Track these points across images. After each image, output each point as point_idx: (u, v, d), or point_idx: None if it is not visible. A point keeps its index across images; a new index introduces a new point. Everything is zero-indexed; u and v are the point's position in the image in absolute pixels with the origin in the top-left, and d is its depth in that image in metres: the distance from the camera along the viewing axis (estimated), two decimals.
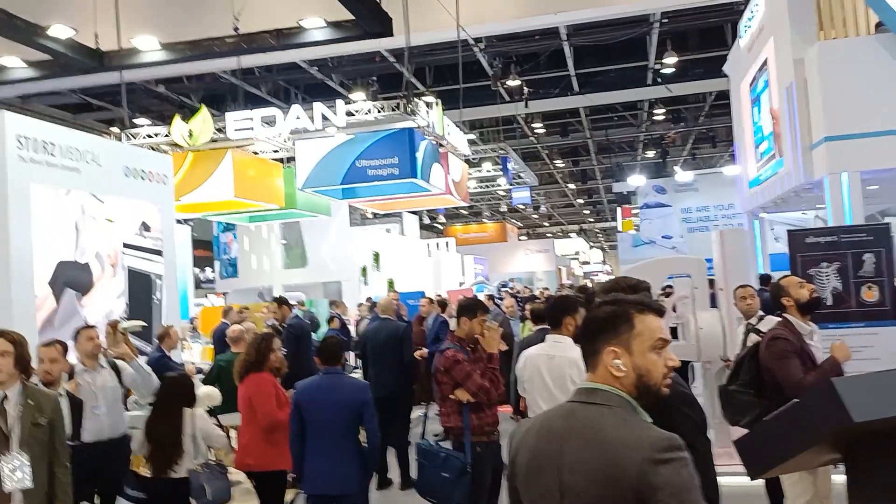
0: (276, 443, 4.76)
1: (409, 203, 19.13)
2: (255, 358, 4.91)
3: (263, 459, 4.80)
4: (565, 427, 1.86)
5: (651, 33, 14.98)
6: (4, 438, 3.28)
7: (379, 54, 15.77)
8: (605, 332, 1.90)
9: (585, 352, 1.93)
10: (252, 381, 4.88)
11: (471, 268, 27.01)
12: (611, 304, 1.95)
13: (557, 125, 22.70)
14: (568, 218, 45.77)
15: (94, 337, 5.18)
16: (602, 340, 1.90)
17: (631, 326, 1.89)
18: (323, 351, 4.70)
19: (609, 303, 1.97)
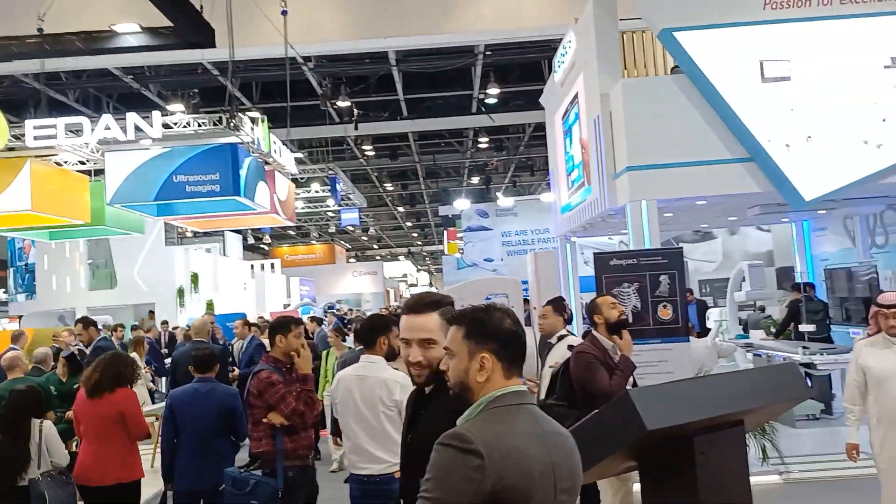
0: (136, 452, 5.07)
1: (231, 222, 18.43)
2: (123, 373, 5.03)
3: (131, 471, 4.97)
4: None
5: (476, 64, 15.57)
6: None
7: (201, 66, 15.16)
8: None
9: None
10: (121, 397, 4.97)
11: (297, 289, 26.45)
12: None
13: (387, 148, 22.92)
14: (396, 241, 46.23)
15: None
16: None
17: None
18: (196, 361, 5.15)
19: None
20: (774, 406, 3.49)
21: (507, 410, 1.91)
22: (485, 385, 1.96)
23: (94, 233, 16.33)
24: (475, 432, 1.82)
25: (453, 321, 2.05)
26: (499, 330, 1.99)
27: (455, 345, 2.01)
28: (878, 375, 4.46)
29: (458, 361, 2.00)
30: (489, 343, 1.98)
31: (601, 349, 4.46)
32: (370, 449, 3.90)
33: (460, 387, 2.00)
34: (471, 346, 1.98)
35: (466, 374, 1.97)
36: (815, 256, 12.32)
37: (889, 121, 7.89)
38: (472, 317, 2.03)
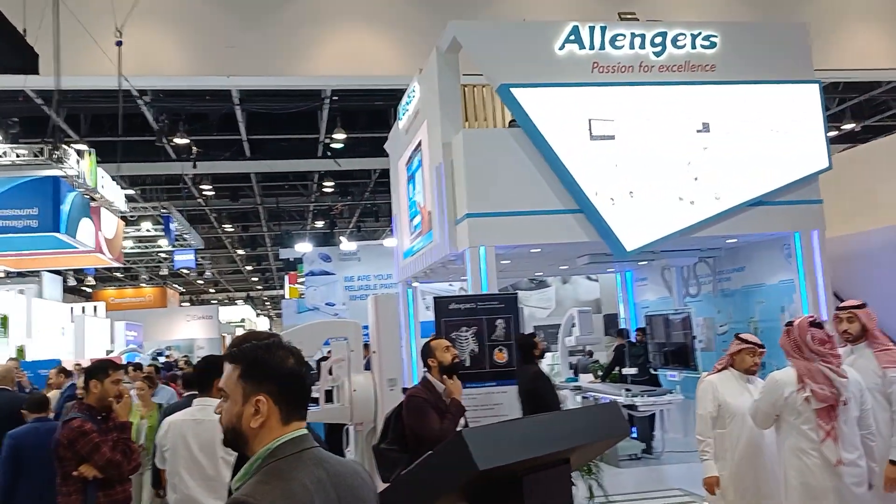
0: None
1: (50, 261, 17.06)
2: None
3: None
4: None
5: (322, 108, 15.56)
6: None
7: (23, 94, 14.08)
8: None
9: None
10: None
11: (122, 334, 24.73)
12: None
13: (228, 189, 22.25)
14: (235, 285, 44.63)
15: None
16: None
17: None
18: (31, 403, 5.40)
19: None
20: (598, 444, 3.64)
21: (288, 462, 1.77)
22: (259, 432, 1.80)
23: None
24: (257, 495, 1.67)
25: (230, 359, 1.89)
26: (279, 370, 1.84)
27: (230, 386, 1.85)
28: (736, 411, 4.63)
29: (231, 405, 1.83)
30: (266, 385, 1.82)
31: (434, 393, 4.49)
32: (201, 499, 3.69)
33: (232, 433, 1.83)
34: (246, 388, 1.82)
35: (239, 419, 1.81)
36: (637, 304, 13.21)
37: (700, 180, 8.69)
38: (249, 355, 1.87)
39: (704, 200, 8.68)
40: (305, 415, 1.89)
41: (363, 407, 6.73)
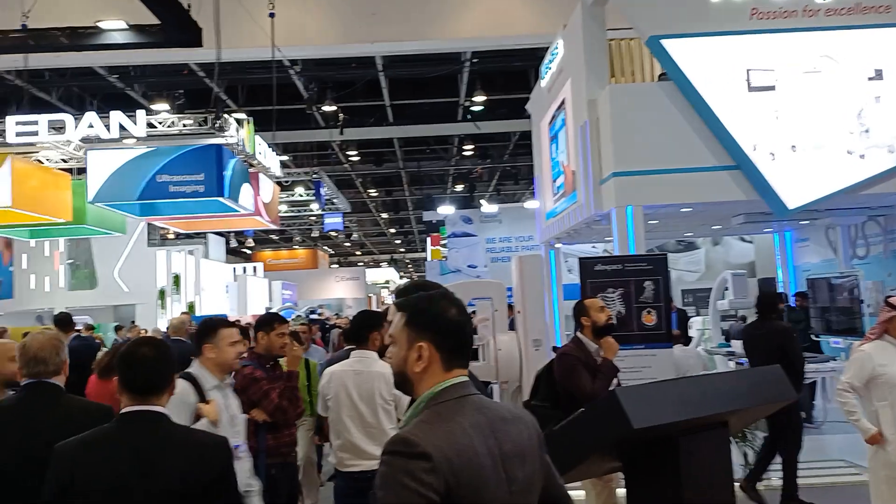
0: None
1: (214, 223, 18.30)
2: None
3: None
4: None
5: (462, 71, 15.60)
6: None
7: (187, 67, 15.08)
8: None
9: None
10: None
11: (279, 293, 26.31)
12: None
13: (372, 154, 22.90)
14: (379, 247, 46.11)
15: None
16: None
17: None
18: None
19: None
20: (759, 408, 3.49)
21: (449, 406, 1.82)
22: (422, 376, 1.87)
23: (76, 232, 16.13)
24: (420, 434, 1.73)
25: (398, 307, 1.98)
26: (440, 319, 1.90)
27: (396, 332, 1.94)
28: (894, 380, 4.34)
29: (398, 350, 1.92)
30: (428, 332, 1.89)
31: (585, 352, 4.46)
32: (362, 445, 3.91)
33: (400, 377, 1.92)
34: (410, 335, 1.90)
35: (405, 363, 1.89)
36: (797, 267, 12.43)
37: (872, 132, 7.98)
38: (415, 303, 1.96)
39: (876, 154, 7.98)
40: (467, 363, 1.93)
41: (508, 366, 6.81)
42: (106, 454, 2.22)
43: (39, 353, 2.86)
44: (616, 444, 2.97)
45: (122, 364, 2.39)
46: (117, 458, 2.20)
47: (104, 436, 2.27)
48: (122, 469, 2.19)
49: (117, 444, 2.24)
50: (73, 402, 2.91)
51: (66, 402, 2.86)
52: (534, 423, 1.98)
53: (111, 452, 2.22)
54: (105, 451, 2.23)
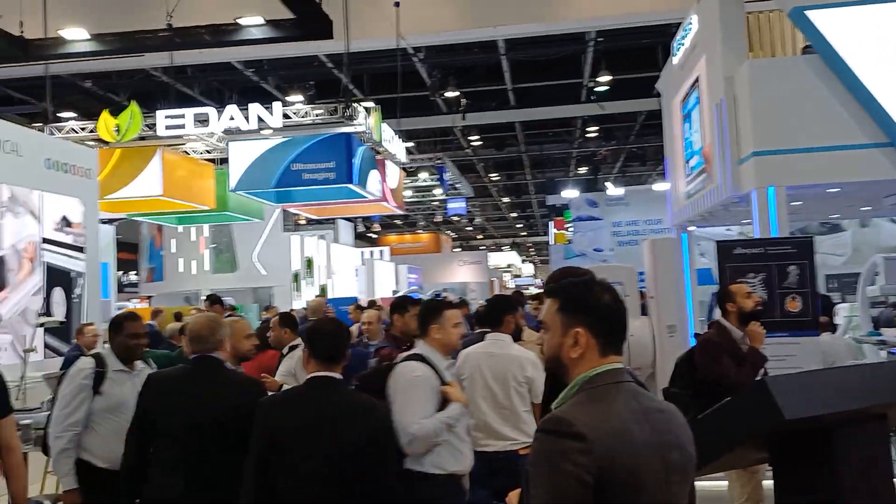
0: None
1: (344, 209, 18.95)
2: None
3: None
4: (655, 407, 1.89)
5: (586, 51, 15.30)
6: None
7: (317, 59, 15.61)
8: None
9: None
10: (267, 357, 5.19)
11: (404, 277, 26.93)
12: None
13: (493, 138, 22.92)
14: (501, 231, 46.18)
15: None
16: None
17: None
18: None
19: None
20: None
21: (605, 390, 1.81)
22: (578, 362, 1.86)
23: (218, 218, 17.18)
24: (575, 415, 1.73)
25: (549, 294, 1.98)
26: (595, 304, 1.89)
27: (549, 318, 1.93)
28: None
29: (552, 336, 1.91)
30: (584, 317, 1.88)
31: (728, 339, 4.31)
32: (495, 426, 3.98)
33: (554, 363, 1.92)
34: (564, 321, 1.89)
35: (559, 349, 1.89)
36: None
37: None
38: (567, 289, 1.95)
39: None
40: (621, 350, 1.92)
41: (640, 352, 6.67)
42: (299, 410, 2.67)
43: (200, 332, 3.29)
44: (765, 435, 2.87)
45: (310, 337, 2.87)
46: (309, 413, 2.65)
47: (297, 395, 2.78)
48: (313, 422, 2.62)
49: (308, 402, 2.68)
50: (229, 374, 3.33)
51: (223, 374, 3.28)
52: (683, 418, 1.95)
53: (304, 409, 2.67)
54: (299, 407, 2.69)
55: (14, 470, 3.12)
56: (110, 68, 15.71)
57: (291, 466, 2.58)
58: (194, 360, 3.30)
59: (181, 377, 3.31)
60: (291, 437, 2.60)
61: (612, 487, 1.69)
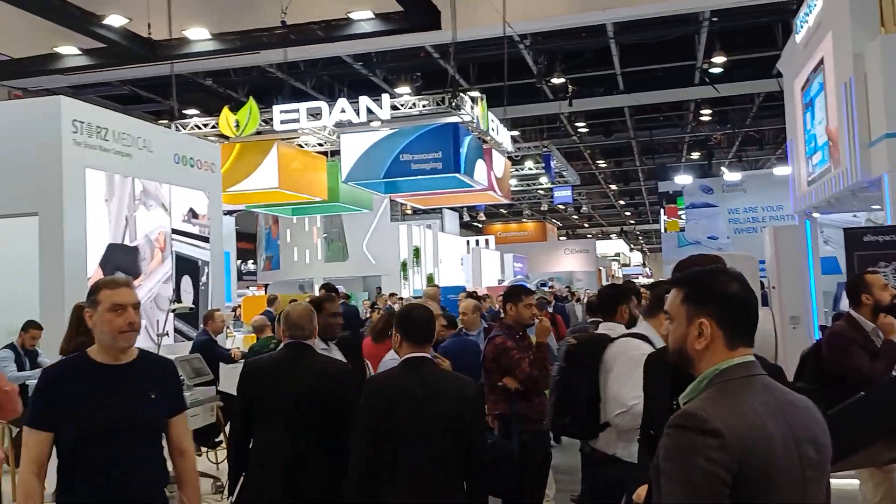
0: None
1: (450, 199, 19.12)
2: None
3: None
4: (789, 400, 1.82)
5: (700, 32, 14.73)
6: None
7: (423, 50, 15.77)
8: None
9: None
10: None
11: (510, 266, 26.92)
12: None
13: (601, 125, 22.50)
14: (608, 219, 45.32)
15: None
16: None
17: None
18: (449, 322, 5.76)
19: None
20: None
21: (737, 384, 1.74)
22: (704, 354, 1.79)
23: (330, 209, 17.73)
24: (708, 410, 1.67)
25: (675, 283, 1.91)
26: (722, 294, 1.81)
27: (674, 308, 1.87)
28: None
29: (676, 327, 1.85)
30: (709, 308, 1.80)
31: (860, 331, 4.08)
32: None
33: (679, 354, 1.85)
34: (689, 311, 1.82)
35: (684, 340, 1.82)
36: None
37: None
38: (693, 278, 1.88)
39: None
40: (752, 341, 1.85)
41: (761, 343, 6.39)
42: (402, 386, 2.97)
43: (298, 320, 3.58)
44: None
45: (402, 321, 3.11)
46: (410, 388, 2.96)
47: (398, 374, 3.04)
48: (414, 395, 2.93)
49: (408, 379, 2.99)
50: (319, 358, 3.63)
51: (314, 358, 3.58)
52: (819, 411, 1.86)
53: (405, 385, 2.97)
54: (401, 384, 2.98)
55: (186, 475, 2.87)
56: (228, 66, 16.46)
57: (397, 436, 2.90)
58: (290, 345, 3.57)
59: (277, 362, 3.58)
60: (394, 412, 2.91)
61: (747, 484, 1.64)
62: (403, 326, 3.08)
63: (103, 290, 2.67)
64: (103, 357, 2.70)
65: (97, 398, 2.63)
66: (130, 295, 2.70)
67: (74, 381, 2.66)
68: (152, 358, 2.92)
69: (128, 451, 2.64)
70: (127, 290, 2.70)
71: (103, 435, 2.62)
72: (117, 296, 2.65)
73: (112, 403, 2.64)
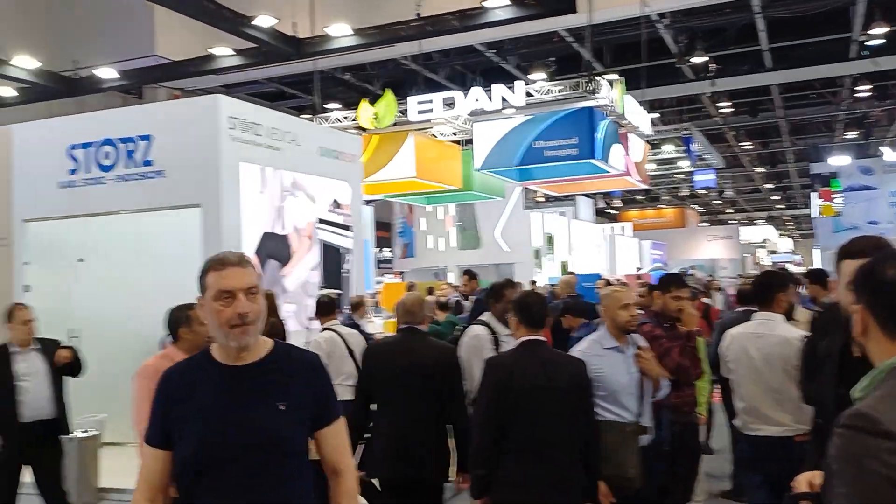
0: None
1: (585, 185, 18.84)
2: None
3: None
4: None
5: (856, 2, 13.69)
6: None
7: (557, 34, 15.58)
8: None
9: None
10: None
11: (648, 253, 26.18)
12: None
13: (746, 104, 21.43)
14: (754, 204, 43.06)
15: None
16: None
17: None
18: (577, 312, 5.73)
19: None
20: None
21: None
22: (869, 345, 1.67)
23: (464, 197, 17.94)
24: (880, 409, 1.54)
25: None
26: (877, 281, 1.67)
27: (844, 293, 1.85)
28: None
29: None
30: (864, 295, 1.68)
31: None
32: (766, 410, 3.77)
33: (857, 343, 1.75)
34: (851, 296, 1.73)
35: (854, 328, 1.72)
36: None
37: None
38: (864, 264, 1.75)
39: None
40: None
41: None
42: (525, 364, 3.21)
43: (410, 308, 4.04)
44: None
45: (520, 307, 3.37)
46: (533, 366, 3.21)
47: (520, 354, 3.28)
48: (537, 373, 3.18)
49: (529, 358, 3.24)
50: (429, 341, 4.06)
51: (425, 341, 4.01)
52: None
53: (528, 363, 3.21)
54: (524, 362, 3.23)
55: (343, 498, 2.20)
56: (365, 60, 16.97)
57: (516, 412, 3.14)
58: (403, 329, 4.00)
59: (393, 344, 4.09)
60: (512, 390, 3.14)
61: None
62: (521, 312, 3.33)
63: (210, 273, 2.03)
64: (223, 355, 2.07)
65: (209, 411, 2.01)
66: (242, 276, 2.01)
67: (188, 387, 2.06)
68: (290, 353, 2.17)
69: (250, 483, 1.98)
70: (237, 271, 2.01)
71: (214, 462, 1.99)
72: (224, 279, 2.00)
73: (227, 419, 2.00)
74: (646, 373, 3.76)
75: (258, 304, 2.03)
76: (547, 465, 3.10)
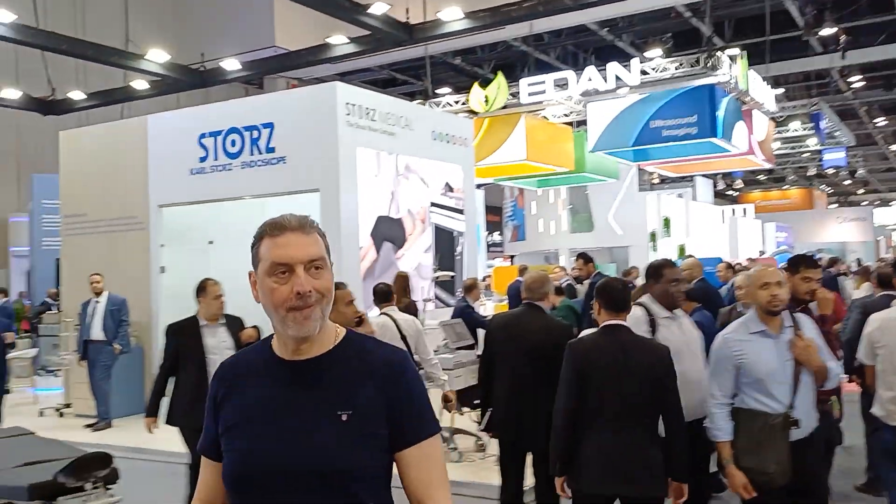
0: None
1: (705, 165, 18.15)
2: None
3: None
4: None
5: None
6: None
7: (674, 10, 15.03)
8: None
9: None
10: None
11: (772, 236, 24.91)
12: None
13: (880, 77, 20.05)
14: (889, 184, 40.19)
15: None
16: None
17: None
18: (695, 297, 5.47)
19: None
20: None
21: None
22: None
23: (575, 180, 17.65)
24: None
25: None
26: None
27: None
28: None
29: None
30: None
31: None
32: None
33: None
34: None
35: None
36: None
37: None
38: None
39: None
40: None
41: None
42: (603, 347, 3.30)
43: (532, 285, 4.22)
44: None
45: (602, 292, 3.41)
46: (610, 349, 3.27)
47: (599, 338, 3.37)
48: (614, 355, 3.24)
49: (608, 341, 3.32)
50: (546, 318, 4.26)
51: (542, 318, 4.20)
52: None
53: (605, 346, 3.30)
54: (602, 345, 3.32)
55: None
56: (475, 43, 16.96)
57: (597, 392, 3.25)
58: (525, 304, 4.21)
59: (514, 317, 4.35)
60: (594, 370, 3.27)
61: None
62: (603, 297, 3.38)
63: (264, 240, 1.53)
64: (280, 347, 1.57)
65: (255, 419, 1.53)
66: (303, 244, 1.51)
67: (237, 386, 1.59)
68: (364, 346, 1.59)
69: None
70: (297, 238, 1.51)
71: (258, 487, 1.50)
72: (280, 248, 1.50)
73: (276, 431, 1.51)
74: (802, 362, 3.34)
75: (325, 281, 1.51)
76: (625, 446, 3.17)
